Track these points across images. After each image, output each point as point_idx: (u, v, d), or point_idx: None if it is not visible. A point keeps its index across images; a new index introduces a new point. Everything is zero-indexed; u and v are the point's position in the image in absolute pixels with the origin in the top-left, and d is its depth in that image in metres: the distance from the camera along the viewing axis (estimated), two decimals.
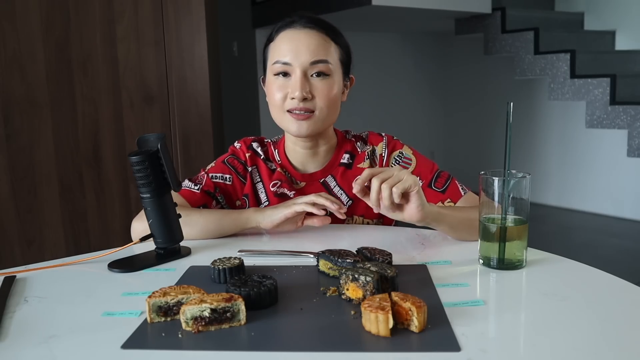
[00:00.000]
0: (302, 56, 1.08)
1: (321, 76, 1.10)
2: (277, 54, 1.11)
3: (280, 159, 1.21)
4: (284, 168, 1.20)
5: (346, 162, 1.20)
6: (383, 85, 5.31)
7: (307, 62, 1.08)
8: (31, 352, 0.63)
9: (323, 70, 1.10)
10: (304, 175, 1.20)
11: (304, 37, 1.10)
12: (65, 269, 0.92)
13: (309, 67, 1.09)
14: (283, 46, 1.10)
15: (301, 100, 1.08)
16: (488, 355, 0.59)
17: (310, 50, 1.09)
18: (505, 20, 4.30)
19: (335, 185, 1.19)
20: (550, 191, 4.76)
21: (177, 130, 2.06)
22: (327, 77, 1.10)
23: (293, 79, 1.09)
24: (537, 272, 0.85)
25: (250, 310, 0.69)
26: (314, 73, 1.09)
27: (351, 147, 1.21)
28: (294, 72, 1.09)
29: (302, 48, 1.09)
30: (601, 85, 3.88)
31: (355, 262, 0.81)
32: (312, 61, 1.09)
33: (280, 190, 1.18)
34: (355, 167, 1.19)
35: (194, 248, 1.01)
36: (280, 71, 1.10)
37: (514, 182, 0.85)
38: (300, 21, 1.12)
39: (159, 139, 0.94)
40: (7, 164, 1.81)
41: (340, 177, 1.19)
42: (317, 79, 1.10)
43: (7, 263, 1.75)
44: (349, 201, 1.18)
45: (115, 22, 1.92)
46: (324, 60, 1.10)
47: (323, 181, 1.19)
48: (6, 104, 1.79)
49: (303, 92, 1.08)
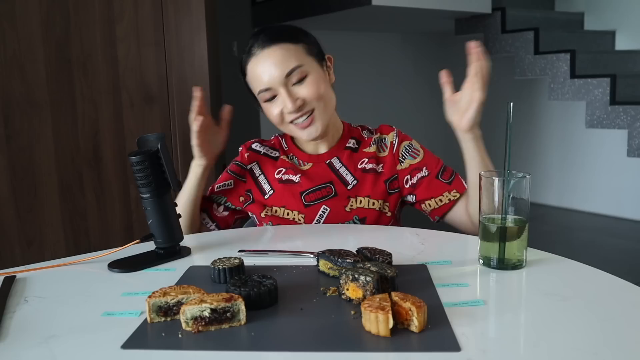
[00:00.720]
0: (275, 75, 1.14)
1: (301, 80, 1.15)
2: (256, 85, 1.17)
3: (288, 146, 1.28)
4: (290, 154, 1.26)
5: (352, 146, 1.26)
6: (383, 85, 5.31)
7: (282, 77, 1.13)
8: (31, 352, 0.62)
9: (300, 75, 1.14)
10: (311, 156, 1.25)
11: (266, 58, 1.14)
12: (65, 269, 0.92)
13: (286, 81, 1.14)
14: (256, 75, 1.16)
15: (297, 109, 1.15)
16: (488, 355, 0.59)
17: (278, 66, 1.13)
18: (505, 20, 4.30)
19: (340, 165, 1.24)
20: (550, 191, 4.76)
21: (177, 130, 2.06)
22: (306, 78, 1.15)
23: (280, 97, 1.15)
24: (537, 272, 0.85)
25: (250, 310, 0.69)
26: (294, 82, 1.14)
27: (357, 135, 1.28)
28: (278, 92, 1.15)
29: (272, 68, 1.14)
30: (601, 85, 3.88)
31: (355, 262, 0.81)
32: (286, 74, 1.13)
33: (285, 177, 1.23)
34: (361, 151, 1.25)
35: (194, 248, 1.01)
36: (267, 97, 1.16)
37: (514, 182, 0.85)
38: (256, 46, 1.16)
39: (159, 139, 0.94)
40: (7, 164, 1.81)
41: (346, 158, 1.24)
42: (299, 85, 1.15)
43: (7, 263, 1.75)
44: (354, 181, 1.22)
45: (115, 22, 1.92)
46: (295, 67, 1.14)
47: (329, 162, 1.24)
48: (6, 104, 1.79)
49: (293, 104, 1.14)
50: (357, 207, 1.20)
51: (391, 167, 1.23)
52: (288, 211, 1.21)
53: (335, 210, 1.20)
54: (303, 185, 1.21)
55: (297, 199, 1.21)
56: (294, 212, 1.21)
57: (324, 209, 1.20)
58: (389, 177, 1.23)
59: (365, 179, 1.22)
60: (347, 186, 1.21)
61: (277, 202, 1.22)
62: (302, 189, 1.21)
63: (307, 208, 1.20)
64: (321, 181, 1.22)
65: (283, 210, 1.21)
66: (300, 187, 1.21)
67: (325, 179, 1.22)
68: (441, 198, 1.20)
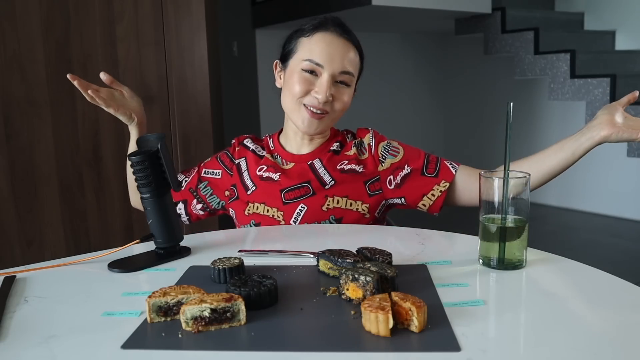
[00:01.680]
0: (335, 63, 1.16)
1: (343, 85, 1.19)
2: (311, 52, 1.17)
3: (274, 145, 1.30)
4: (275, 153, 1.28)
5: (335, 149, 1.27)
6: (383, 85, 5.31)
7: (337, 71, 1.17)
8: (31, 352, 0.62)
9: (346, 80, 1.19)
10: (294, 156, 1.27)
11: (339, 45, 1.18)
12: (65, 269, 0.92)
13: (337, 75, 1.17)
14: (319, 47, 1.17)
15: (323, 102, 1.16)
16: (488, 355, 0.59)
17: (342, 60, 1.17)
18: (505, 20, 4.30)
19: (320, 166, 1.24)
20: (550, 191, 4.76)
21: (177, 130, 2.06)
22: (347, 86, 1.20)
23: (320, 81, 1.17)
24: (537, 272, 0.85)
25: (250, 310, 0.69)
26: (338, 80, 1.18)
27: (342, 138, 1.30)
28: (322, 75, 1.16)
29: (337, 56, 1.16)
30: (601, 85, 3.89)
31: (355, 262, 0.81)
32: (342, 71, 1.17)
33: (265, 175, 1.25)
34: (342, 154, 1.26)
35: (194, 248, 1.01)
36: (309, 69, 1.17)
37: (514, 182, 0.85)
38: (336, 28, 1.19)
39: (159, 139, 0.94)
40: (7, 164, 1.81)
41: (327, 160, 1.25)
42: (340, 86, 1.19)
43: (7, 263, 1.75)
44: (332, 181, 1.22)
45: (115, 22, 1.92)
46: (351, 73, 1.19)
47: (310, 163, 1.25)
48: (6, 104, 1.79)
49: (327, 95, 1.16)
50: (333, 207, 1.20)
51: (372, 169, 1.23)
52: (268, 207, 1.22)
53: (312, 209, 1.20)
54: (282, 183, 1.22)
55: (277, 197, 1.22)
56: (273, 209, 1.22)
57: (302, 207, 1.20)
58: (370, 178, 1.22)
59: (344, 180, 1.22)
60: (325, 186, 1.21)
61: (258, 199, 1.23)
62: (282, 187, 1.22)
63: (285, 205, 1.21)
64: (299, 180, 1.22)
65: (263, 207, 1.22)
66: (280, 185, 1.22)
67: (303, 178, 1.23)
68: (433, 192, 1.20)
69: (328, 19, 1.21)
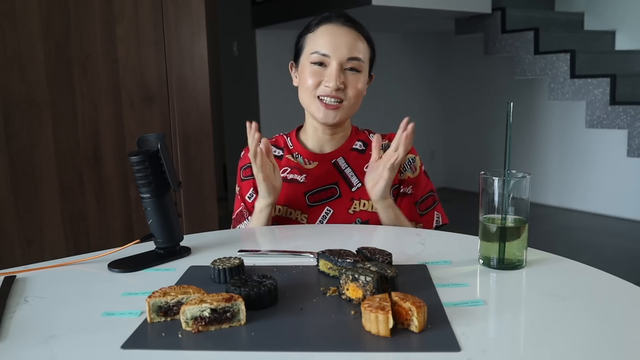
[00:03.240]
0: (340, 51, 1.17)
1: (353, 71, 1.19)
2: (317, 45, 1.19)
3: (293, 144, 1.28)
4: (295, 152, 1.26)
5: (359, 148, 1.27)
6: (383, 85, 5.30)
7: (344, 57, 1.17)
8: (31, 352, 0.62)
9: (355, 66, 1.18)
10: (317, 155, 1.25)
11: (343, 34, 1.19)
12: (65, 269, 0.92)
13: (345, 62, 1.17)
14: (323, 39, 1.18)
15: (335, 90, 1.16)
16: (488, 355, 0.59)
17: (348, 47, 1.17)
18: (505, 20, 4.30)
19: (346, 166, 1.24)
20: (550, 191, 4.76)
21: (177, 130, 2.06)
22: (358, 73, 1.19)
23: (329, 70, 1.17)
24: (537, 272, 0.85)
25: (250, 310, 0.69)
26: (347, 67, 1.18)
27: (364, 137, 1.29)
28: (330, 64, 1.17)
29: (342, 44, 1.17)
30: (601, 85, 3.89)
31: (355, 262, 0.81)
32: (349, 57, 1.17)
33: (290, 176, 1.24)
34: (367, 153, 1.25)
35: (194, 248, 1.01)
36: (317, 61, 1.18)
37: (514, 182, 0.85)
38: (338, 18, 1.21)
39: (159, 139, 0.94)
40: (7, 164, 1.81)
41: (352, 159, 1.25)
42: (350, 73, 1.18)
43: (7, 263, 1.75)
44: (358, 183, 1.22)
45: (115, 22, 1.92)
46: (358, 58, 1.19)
47: (334, 161, 1.24)
48: (6, 104, 1.79)
49: (337, 83, 1.16)
50: (360, 210, 1.20)
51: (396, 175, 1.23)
52: (291, 210, 1.21)
53: (338, 212, 1.20)
54: (307, 185, 1.22)
55: (301, 199, 1.21)
56: (297, 211, 1.21)
57: (327, 210, 1.20)
58: (394, 184, 1.23)
59: None
60: (352, 188, 1.21)
61: (280, 201, 1.22)
62: (307, 189, 1.21)
63: (310, 208, 1.20)
64: (326, 182, 1.22)
65: (286, 209, 1.21)
66: (305, 188, 1.22)
67: (330, 179, 1.22)
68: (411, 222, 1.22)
69: (332, 12, 1.23)
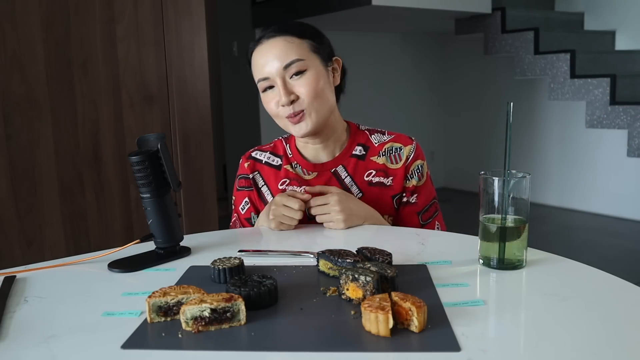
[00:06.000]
0: (273, 65, 1.14)
1: (299, 74, 1.13)
2: (257, 72, 1.17)
3: (292, 152, 1.26)
4: (294, 162, 1.24)
5: (358, 154, 1.23)
6: (383, 85, 5.31)
7: (280, 69, 1.13)
8: (31, 352, 0.63)
9: (298, 69, 1.13)
10: (316, 165, 1.23)
11: (269, 48, 1.15)
12: (65, 269, 0.92)
13: (284, 73, 1.13)
14: (258, 63, 1.16)
15: (289, 105, 1.13)
16: (488, 355, 0.59)
17: (278, 57, 1.13)
18: (505, 20, 4.30)
19: (346, 175, 1.21)
20: (550, 191, 4.76)
21: (177, 130, 2.06)
22: (304, 73, 1.14)
23: (276, 89, 1.15)
24: (537, 272, 0.85)
25: (250, 310, 0.69)
26: (292, 75, 1.13)
27: (365, 140, 1.24)
28: (275, 82, 1.14)
29: (271, 58, 1.14)
30: (601, 85, 3.89)
31: (355, 262, 0.81)
32: (284, 65, 1.13)
33: (289, 189, 1.22)
34: (368, 159, 1.22)
35: (194, 248, 1.01)
36: (265, 87, 1.17)
37: (514, 182, 0.85)
38: (268, 33, 1.17)
39: (159, 139, 0.94)
40: (7, 164, 1.81)
41: (352, 168, 1.22)
42: (296, 78, 1.14)
43: (7, 263, 1.75)
44: (359, 193, 1.20)
45: (115, 22, 1.92)
46: (294, 60, 1.13)
47: (334, 171, 1.22)
48: (6, 104, 1.79)
49: (287, 97, 1.13)
50: None
51: (400, 181, 1.21)
52: None
53: None
54: None
55: None
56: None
57: None
58: (397, 193, 1.21)
59: (371, 192, 1.20)
60: None
61: None
62: None
63: (310, 221, 1.18)
64: None
65: None
66: None
67: None
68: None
69: (264, 30, 1.18)
